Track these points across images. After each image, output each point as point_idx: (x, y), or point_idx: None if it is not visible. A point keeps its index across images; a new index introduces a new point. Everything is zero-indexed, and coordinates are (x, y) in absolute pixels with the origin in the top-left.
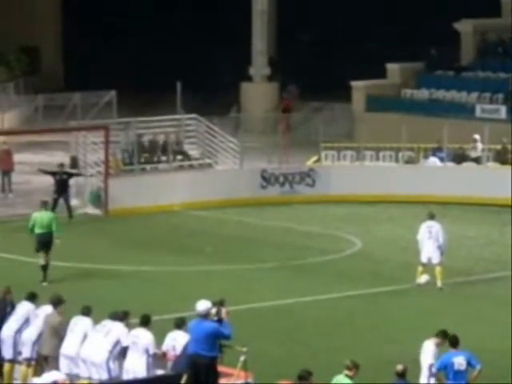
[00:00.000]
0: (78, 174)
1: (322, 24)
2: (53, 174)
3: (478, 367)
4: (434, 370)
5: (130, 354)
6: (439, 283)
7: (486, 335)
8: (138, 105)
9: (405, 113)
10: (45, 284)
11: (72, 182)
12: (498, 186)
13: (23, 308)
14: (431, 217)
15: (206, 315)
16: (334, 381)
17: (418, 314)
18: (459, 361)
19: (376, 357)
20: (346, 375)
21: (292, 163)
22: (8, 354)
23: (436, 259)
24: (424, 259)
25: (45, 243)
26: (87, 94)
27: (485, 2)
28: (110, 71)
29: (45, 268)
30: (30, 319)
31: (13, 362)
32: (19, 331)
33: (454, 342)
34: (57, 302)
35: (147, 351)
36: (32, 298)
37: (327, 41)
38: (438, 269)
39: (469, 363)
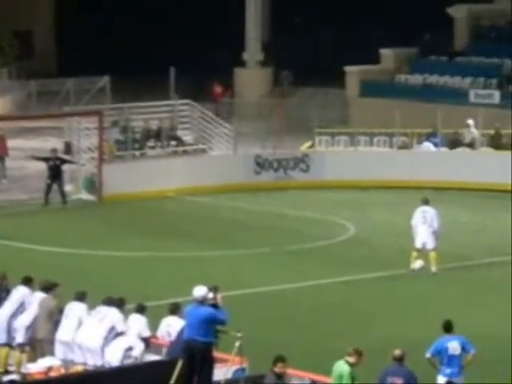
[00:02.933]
0: (70, 162)
1: (315, 8)
2: (45, 159)
3: (472, 352)
4: (427, 355)
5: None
6: (434, 268)
7: (480, 320)
8: (131, 90)
9: (398, 98)
10: None
11: (65, 167)
12: (492, 171)
13: (18, 292)
14: (426, 202)
15: (202, 301)
16: (334, 367)
17: (412, 300)
18: (453, 346)
19: (372, 342)
20: (346, 361)
21: (286, 148)
22: (2, 338)
23: (430, 244)
24: (418, 244)
25: None
26: (81, 80)
27: None
28: (103, 57)
29: None
30: (25, 305)
31: (7, 346)
32: (14, 315)
33: (447, 327)
34: (49, 287)
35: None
36: (27, 281)
37: (320, 26)
38: (432, 254)
39: (463, 348)
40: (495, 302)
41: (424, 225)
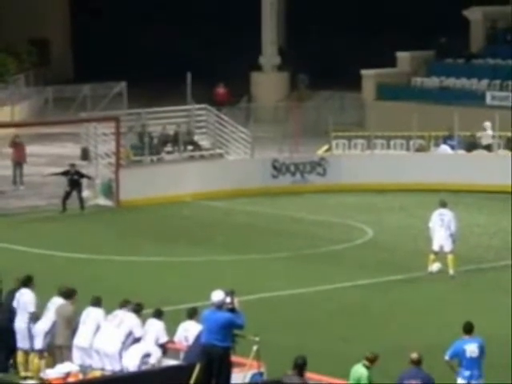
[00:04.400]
0: (89, 177)
1: (331, 12)
2: (64, 174)
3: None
4: (446, 357)
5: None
6: (451, 271)
7: (498, 323)
8: (148, 96)
9: (415, 101)
10: None
11: (83, 172)
12: (509, 173)
13: (21, 296)
14: (443, 205)
15: (220, 305)
16: (352, 370)
17: (430, 302)
18: (471, 348)
19: (389, 345)
20: (364, 365)
21: (303, 152)
22: (22, 344)
23: (448, 247)
24: (436, 247)
25: None
26: (97, 86)
27: None
28: (119, 62)
29: None
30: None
31: (26, 352)
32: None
33: (467, 329)
34: (69, 294)
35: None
36: (27, 282)
37: (337, 29)
38: (449, 257)
39: (481, 350)
40: None
41: (441, 228)
